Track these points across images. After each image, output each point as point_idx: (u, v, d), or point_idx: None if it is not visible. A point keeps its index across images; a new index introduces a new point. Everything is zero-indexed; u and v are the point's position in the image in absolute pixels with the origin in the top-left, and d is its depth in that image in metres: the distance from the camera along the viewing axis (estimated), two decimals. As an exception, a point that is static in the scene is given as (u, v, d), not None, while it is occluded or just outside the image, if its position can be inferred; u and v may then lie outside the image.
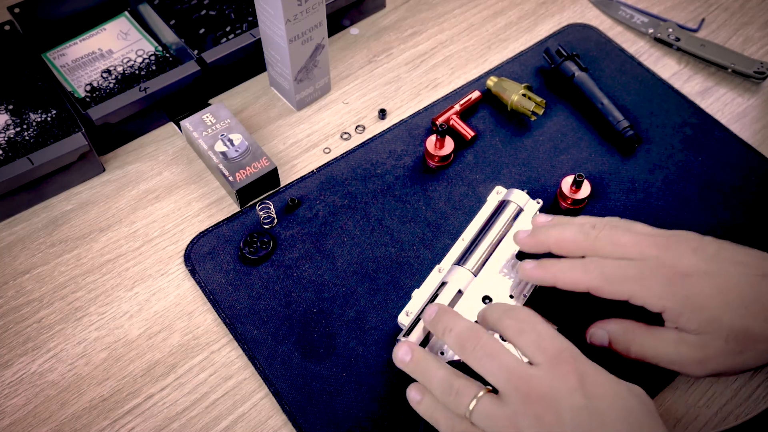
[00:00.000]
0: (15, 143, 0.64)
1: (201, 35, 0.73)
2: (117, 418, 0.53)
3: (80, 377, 0.55)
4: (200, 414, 0.53)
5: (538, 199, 0.60)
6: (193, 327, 0.57)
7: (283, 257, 0.60)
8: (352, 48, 0.76)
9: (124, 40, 0.75)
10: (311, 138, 0.69)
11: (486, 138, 0.68)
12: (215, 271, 0.59)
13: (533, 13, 0.79)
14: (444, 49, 0.76)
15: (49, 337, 0.57)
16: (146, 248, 0.62)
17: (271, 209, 0.62)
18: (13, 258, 0.61)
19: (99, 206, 0.64)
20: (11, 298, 0.59)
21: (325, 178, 0.65)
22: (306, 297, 0.58)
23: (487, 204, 0.61)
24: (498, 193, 0.61)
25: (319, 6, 0.62)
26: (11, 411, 0.53)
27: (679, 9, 0.79)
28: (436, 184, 0.65)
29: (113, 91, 0.70)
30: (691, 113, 0.69)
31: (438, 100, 0.71)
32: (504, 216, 0.59)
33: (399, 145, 0.67)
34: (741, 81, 0.72)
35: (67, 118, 0.65)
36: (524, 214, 0.59)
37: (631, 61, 0.74)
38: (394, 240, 0.61)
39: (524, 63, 0.74)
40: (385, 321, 0.57)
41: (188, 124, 0.65)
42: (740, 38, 0.76)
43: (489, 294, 0.55)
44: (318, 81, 0.70)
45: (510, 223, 0.59)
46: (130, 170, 0.67)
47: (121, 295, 0.59)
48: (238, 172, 0.62)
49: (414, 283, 0.58)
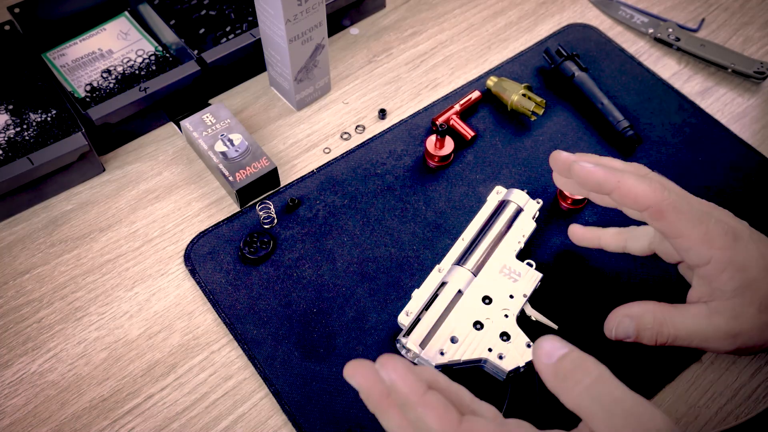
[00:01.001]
0: (15, 143, 0.64)
1: (201, 35, 0.73)
2: (117, 418, 0.53)
3: (80, 377, 0.55)
4: (200, 414, 0.53)
5: (538, 199, 0.60)
6: (193, 327, 0.57)
7: (283, 257, 0.60)
8: (352, 48, 0.76)
9: (124, 40, 0.75)
10: (311, 138, 0.69)
11: (486, 138, 0.68)
12: (215, 271, 0.59)
13: (533, 13, 0.79)
14: (444, 49, 0.76)
15: (49, 337, 0.57)
16: (146, 248, 0.62)
17: (271, 209, 0.62)
18: (13, 258, 0.61)
19: (99, 206, 0.64)
20: (11, 298, 0.59)
21: (325, 178, 0.65)
22: (306, 297, 0.58)
23: (487, 204, 0.61)
24: (498, 193, 0.61)
25: (319, 6, 0.62)
26: (11, 411, 0.53)
27: (679, 9, 0.79)
28: (436, 184, 0.65)
29: (113, 91, 0.70)
30: (691, 113, 0.69)
31: (438, 100, 0.71)
32: (504, 216, 0.59)
33: (399, 145, 0.67)
34: (741, 81, 0.72)
35: (67, 118, 0.65)
36: (524, 213, 0.59)
37: (631, 61, 0.74)
38: (394, 240, 0.61)
39: (524, 63, 0.74)
40: (385, 321, 0.57)
41: (188, 124, 0.65)
42: (740, 38, 0.76)
43: (489, 294, 0.55)
44: (318, 81, 0.70)
45: (510, 222, 0.59)
46: (130, 170, 0.67)
47: (121, 295, 0.59)
48: (238, 172, 0.62)
49: (414, 283, 0.58)
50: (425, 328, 0.52)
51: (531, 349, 0.52)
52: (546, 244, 0.61)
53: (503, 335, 0.52)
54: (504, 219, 0.58)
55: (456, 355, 0.53)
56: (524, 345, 0.53)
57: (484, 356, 0.52)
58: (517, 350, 0.52)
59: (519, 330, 0.53)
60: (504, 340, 0.52)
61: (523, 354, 0.52)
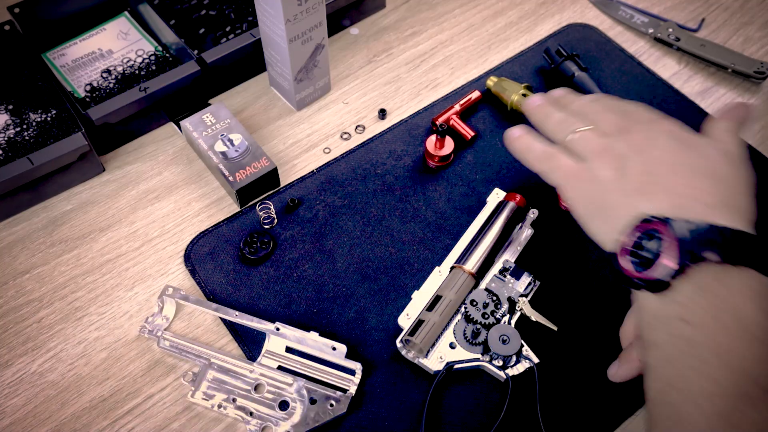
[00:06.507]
0: (15, 143, 0.64)
1: (201, 35, 0.73)
2: (117, 418, 0.53)
3: (80, 377, 0.55)
4: (200, 414, 0.53)
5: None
6: (193, 327, 0.57)
7: (283, 257, 0.60)
8: (352, 48, 0.76)
9: (124, 40, 0.75)
10: (311, 138, 0.69)
11: (486, 138, 0.68)
12: (215, 271, 0.59)
13: (533, 13, 0.79)
14: (444, 49, 0.76)
15: (49, 337, 0.57)
16: (146, 248, 0.62)
17: (271, 209, 0.62)
18: (13, 258, 0.61)
19: (99, 206, 0.64)
20: (11, 298, 0.59)
21: (325, 178, 0.65)
22: (306, 297, 0.58)
23: (487, 206, 0.61)
24: (497, 194, 0.62)
25: (319, 6, 0.62)
26: (11, 411, 0.53)
27: (679, 9, 0.79)
28: (436, 184, 0.65)
29: (113, 91, 0.70)
30: (691, 113, 0.69)
31: (438, 100, 0.71)
32: (504, 216, 0.59)
33: (399, 145, 0.67)
34: (741, 81, 0.72)
35: (67, 118, 0.65)
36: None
37: (631, 61, 0.74)
38: (394, 240, 0.61)
39: (524, 63, 0.74)
40: (385, 321, 0.57)
41: (188, 124, 0.65)
42: (740, 38, 0.76)
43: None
44: (318, 81, 0.70)
45: (509, 225, 0.59)
46: (130, 170, 0.67)
47: (121, 295, 0.59)
48: (238, 172, 0.62)
49: (414, 284, 0.58)
50: (425, 331, 0.52)
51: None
52: (546, 244, 0.60)
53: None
54: (503, 221, 0.58)
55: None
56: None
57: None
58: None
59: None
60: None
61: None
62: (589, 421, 0.52)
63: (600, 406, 0.52)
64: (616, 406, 0.52)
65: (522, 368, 0.52)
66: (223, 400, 0.52)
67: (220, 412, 0.52)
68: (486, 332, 0.53)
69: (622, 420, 0.52)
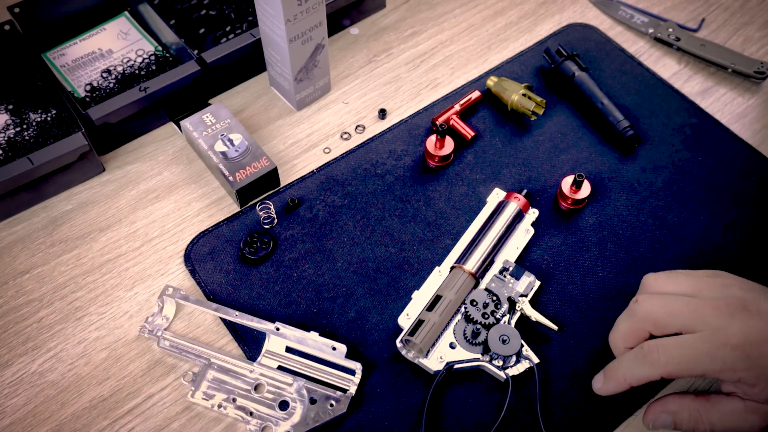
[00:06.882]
0: (15, 143, 0.64)
1: (201, 35, 0.73)
2: (117, 418, 0.53)
3: (80, 377, 0.55)
4: (201, 414, 0.53)
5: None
6: (193, 327, 0.57)
7: (283, 257, 0.60)
8: (352, 48, 0.76)
9: (124, 40, 0.75)
10: (311, 138, 0.69)
11: (486, 138, 0.68)
12: (215, 271, 0.59)
13: (533, 13, 0.79)
14: (444, 49, 0.76)
15: (49, 337, 0.57)
16: (146, 248, 0.62)
17: (271, 209, 0.62)
18: (13, 258, 0.61)
19: (99, 206, 0.64)
20: (11, 298, 0.59)
21: (325, 178, 0.65)
22: (306, 297, 0.58)
23: (488, 205, 0.61)
24: (497, 194, 0.62)
25: (319, 6, 0.62)
26: (11, 411, 0.53)
27: (679, 9, 0.79)
28: (436, 184, 0.65)
29: (113, 91, 0.70)
30: (691, 113, 0.69)
31: (438, 100, 0.71)
32: (503, 218, 0.59)
33: (399, 145, 0.67)
34: (741, 81, 0.72)
35: (67, 118, 0.65)
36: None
37: (631, 61, 0.74)
38: (394, 240, 0.61)
39: (524, 63, 0.74)
40: (385, 321, 0.57)
41: (188, 124, 0.65)
42: (740, 38, 0.76)
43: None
44: (318, 81, 0.70)
45: (509, 225, 0.59)
46: (130, 170, 0.67)
47: (121, 295, 0.59)
48: (238, 172, 0.62)
49: (414, 283, 0.58)
50: (425, 331, 0.52)
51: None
52: (546, 244, 0.61)
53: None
54: (503, 221, 0.59)
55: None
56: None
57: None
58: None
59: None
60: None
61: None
62: (589, 421, 0.52)
63: (600, 406, 0.52)
64: (616, 406, 0.52)
65: (522, 368, 0.52)
66: (223, 400, 0.52)
67: (220, 412, 0.52)
68: (486, 332, 0.53)
69: (622, 420, 0.52)
